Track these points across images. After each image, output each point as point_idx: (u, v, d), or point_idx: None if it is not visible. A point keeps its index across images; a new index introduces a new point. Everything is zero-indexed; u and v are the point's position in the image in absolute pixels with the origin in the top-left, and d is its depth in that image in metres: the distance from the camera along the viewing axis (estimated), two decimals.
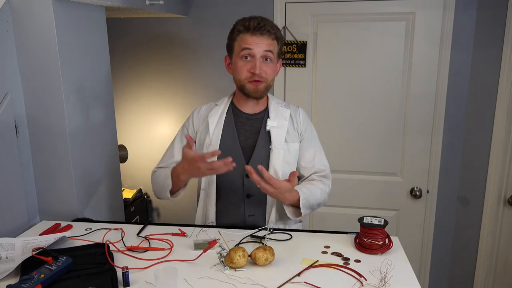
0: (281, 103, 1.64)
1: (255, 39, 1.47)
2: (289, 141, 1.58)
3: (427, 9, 2.27)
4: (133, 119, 2.77)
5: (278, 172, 1.54)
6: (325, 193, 1.60)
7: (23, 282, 1.11)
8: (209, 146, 1.57)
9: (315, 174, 1.62)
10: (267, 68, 1.50)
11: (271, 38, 1.49)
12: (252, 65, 1.48)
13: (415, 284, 1.18)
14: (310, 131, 1.65)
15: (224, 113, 1.61)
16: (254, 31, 1.47)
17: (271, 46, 1.50)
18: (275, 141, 1.55)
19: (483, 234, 2.45)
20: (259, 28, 1.47)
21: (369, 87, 2.41)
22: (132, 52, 2.66)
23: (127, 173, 2.84)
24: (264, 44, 1.48)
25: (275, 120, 1.57)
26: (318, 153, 1.64)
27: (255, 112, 1.60)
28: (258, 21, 1.49)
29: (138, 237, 1.49)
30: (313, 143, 1.64)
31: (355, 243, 1.41)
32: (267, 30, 1.48)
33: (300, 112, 1.65)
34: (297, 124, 1.62)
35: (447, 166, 2.42)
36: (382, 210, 2.53)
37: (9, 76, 1.56)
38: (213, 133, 1.57)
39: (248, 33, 1.48)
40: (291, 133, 1.59)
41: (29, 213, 1.66)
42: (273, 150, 1.54)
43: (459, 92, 2.33)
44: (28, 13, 1.54)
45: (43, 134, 1.65)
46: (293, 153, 1.59)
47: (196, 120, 1.65)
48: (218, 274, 1.23)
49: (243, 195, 1.57)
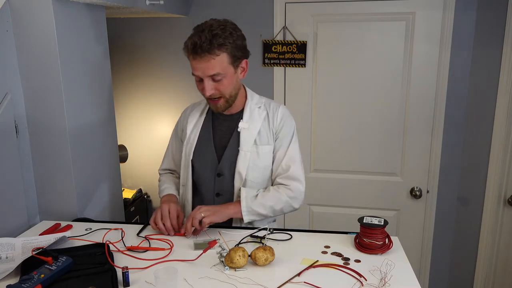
0: (260, 103, 1.60)
1: (197, 63, 1.40)
2: (259, 144, 1.55)
3: (427, 9, 2.27)
4: (133, 119, 2.77)
5: (243, 174, 1.53)
6: (284, 200, 1.54)
7: (23, 282, 1.11)
8: (186, 145, 1.62)
9: (279, 177, 1.58)
10: (219, 85, 1.44)
11: (213, 57, 1.38)
12: (203, 86, 1.44)
13: (415, 284, 1.18)
14: (286, 130, 1.58)
15: (204, 113, 1.64)
16: (193, 54, 1.39)
17: (216, 67, 1.39)
18: (243, 143, 1.54)
19: (483, 234, 2.45)
20: (196, 51, 1.38)
21: (369, 87, 2.41)
22: (132, 52, 2.66)
23: (127, 173, 2.84)
24: (206, 69, 1.40)
25: (247, 122, 1.56)
26: (289, 153, 1.57)
27: (232, 113, 1.60)
28: (195, 41, 1.37)
29: (138, 237, 1.49)
30: (285, 144, 1.58)
31: (355, 243, 1.41)
32: (206, 51, 1.37)
33: (279, 112, 1.59)
34: (273, 124, 1.57)
35: (447, 166, 2.42)
36: (382, 210, 2.53)
37: (9, 76, 1.56)
38: (191, 132, 1.62)
39: (190, 55, 1.41)
40: (263, 135, 1.56)
41: (29, 213, 1.66)
42: (240, 152, 1.54)
43: (459, 92, 2.33)
44: (28, 13, 1.54)
45: (43, 134, 1.65)
46: (263, 156, 1.56)
47: (182, 119, 1.71)
48: (218, 274, 1.23)
49: (213, 193, 1.59)
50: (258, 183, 1.57)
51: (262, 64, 2.48)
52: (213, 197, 1.59)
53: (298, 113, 2.51)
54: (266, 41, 2.43)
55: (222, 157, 1.56)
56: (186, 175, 1.62)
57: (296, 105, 2.50)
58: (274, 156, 1.59)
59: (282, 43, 2.42)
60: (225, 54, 1.40)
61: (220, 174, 1.57)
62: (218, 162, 1.57)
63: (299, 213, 2.64)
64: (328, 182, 2.57)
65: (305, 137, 2.53)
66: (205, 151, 1.58)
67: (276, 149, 1.58)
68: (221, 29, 1.39)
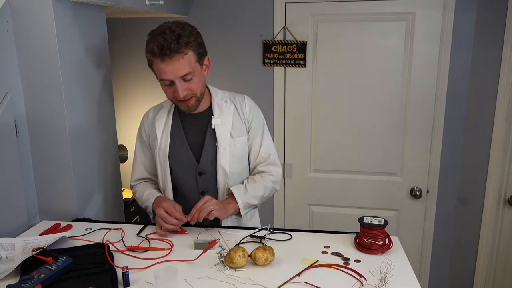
0: (225, 98, 1.62)
1: (166, 66, 1.38)
2: (235, 136, 1.58)
3: (427, 9, 2.27)
4: (133, 119, 2.77)
5: (226, 169, 1.56)
6: (270, 186, 1.62)
7: (23, 282, 1.11)
8: (160, 150, 1.60)
9: (260, 165, 1.64)
10: (191, 84, 1.45)
11: (182, 56, 1.38)
12: (174, 89, 1.44)
13: (415, 284, 1.18)
14: (257, 120, 1.64)
15: (171, 115, 1.62)
16: (161, 56, 1.37)
17: (186, 67, 1.40)
18: (220, 138, 1.56)
19: (483, 234, 2.45)
20: (165, 53, 1.36)
21: (369, 87, 2.41)
22: (132, 52, 2.66)
23: (127, 173, 2.84)
24: (177, 70, 1.39)
25: (219, 117, 1.57)
26: (264, 141, 1.64)
27: (200, 111, 1.59)
28: (161, 43, 1.35)
29: (138, 237, 1.49)
30: (259, 133, 1.64)
31: (355, 243, 1.41)
32: (174, 51, 1.36)
33: (246, 103, 1.62)
34: (243, 115, 1.61)
35: (447, 166, 2.42)
36: (382, 210, 2.53)
37: (9, 76, 1.56)
38: (161, 136, 1.59)
39: (157, 59, 1.39)
40: (237, 127, 1.59)
41: (29, 213, 1.66)
42: (219, 147, 1.55)
43: (459, 92, 2.33)
44: (28, 13, 1.54)
45: (43, 134, 1.65)
46: (240, 146, 1.60)
47: (146, 125, 1.67)
48: (218, 274, 1.23)
49: (198, 192, 1.60)
50: (239, 173, 1.62)
51: (262, 64, 2.48)
52: (198, 196, 1.59)
53: (298, 113, 2.51)
54: (266, 41, 2.43)
55: (201, 156, 1.57)
56: (164, 179, 1.61)
57: (296, 105, 2.50)
58: (250, 145, 1.63)
59: (282, 43, 2.42)
60: (191, 52, 1.41)
61: (201, 173, 1.58)
62: (198, 161, 1.57)
63: (299, 213, 2.65)
64: (328, 182, 2.57)
65: (305, 137, 2.53)
66: (180, 152, 1.58)
67: (250, 139, 1.63)
68: (180, 28, 1.39)
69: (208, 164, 1.57)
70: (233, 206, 1.53)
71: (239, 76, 2.54)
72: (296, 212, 2.65)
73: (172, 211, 1.46)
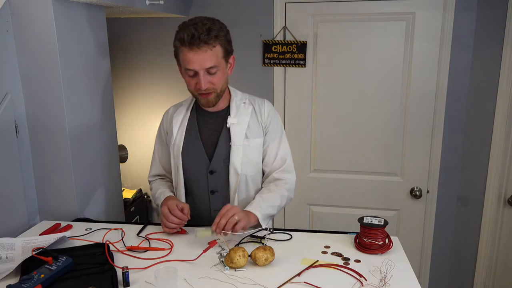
0: (244, 99, 1.63)
1: (194, 55, 1.39)
2: (250, 137, 1.57)
3: (427, 9, 2.27)
4: (133, 119, 2.77)
5: (237, 169, 1.55)
6: (286, 195, 1.59)
7: (23, 282, 1.11)
8: (174, 146, 1.60)
9: (275, 172, 1.61)
10: (214, 78, 1.46)
11: (210, 49, 1.40)
12: (197, 80, 1.45)
13: (415, 284, 1.18)
14: (275, 124, 1.62)
15: (188, 112, 1.63)
16: (190, 45, 1.39)
17: (213, 59, 1.41)
18: (235, 137, 1.55)
19: (483, 234, 2.45)
20: (194, 42, 1.38)
21: (369, 87, 2.41)
22: (132, 52, 2.66)
23: (127, 173, 2.84)
24: (204, 61, 1.40)
25: (236, 117, 1.57)
26: (281, 147, 1.62)
27: (217, 110, 1.60)
28: (192, 32, 1.38)
29: (138, 237, 1.49)
30: (276, 137, 1.62)
31: (355, 243, 1.41)
32: (204, 42, 1.38)
33: (265, 106, 1.63)
34: (261, 118, 1.60)
35: (447, 166, 2.42)
36: (382, 210, 2.53)
37: (9, 76, 1.56)
38: (177, 132, 1.61)
39: (185, 48, 1.40)
40: (253, 128, 1.58)
41: (29, 213, 1.66)
42: (232, 147, 1.55)
43: (459, 92, 2.33)
44: (28, 13, 1.54)
45: (43, 134, 1.65)
46: (255, 148, 1.58)
47: (165, 122, 1.69)
48: (218, 274, 1.23)
49: (208, 191, 1.59)
50: (252, 175, 1.59)
51: (262, 64, 2.48)
52: (207, 195, 1.59)
53: (298, 113, 2.51)
54: (266, 41, 2.43)
55: (213, 155, 1.57)
56: (176, 175, 1.62)
57: (296, 105, 2.50)
58: (265, 150, 1.62)
59: (282, 43, 2.42)
60: (219, 47, 1.43)
61: (212, 172, 1.57)
62: (210, 160, 1.57)
63: (299, 213, 2.65)
64: (328, 182, 2.57)
65: (305, 137, 2.53)
66: (193, 150, 1.58)
67: (267, 143, 1.61)
68: (212, 23, 1.42)
69: (221, 163, 1.56)
70: (254, 217, 1.48)
71: (239, 76, 2.53)
72: (296, 212, 2.65)
73: (173, 209, 1.45)
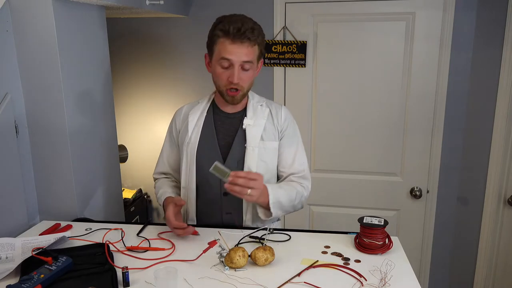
0: (261, 102, 1.63)
1: (234, 47, 1.42)
2: (266, 139, 1.56)
3: (427, 9, 2.27)
4: (133, 119, 2.77)
5: (252, 170, 1.54)
6: (302, 195, 1.58)
7: (23, 282, 1.11)
8: (188, 144, 1.59)
9: (293, 175, 1.60)
10: (245, 76, 1.47)
11: (251, 45, 1.44)
12: (230, 73, 1.45)
13: (415, 284, 1.18)
14: (291, 129, 1.62)
15: (205, 112, 1.62)
16: (234, 38, 1.41)
17: (251, 55, 1.45)
18: (250, 139, 1.54)
19: (483, 234, 2.45)
20: (239, 35, 1.41)
21: (369, 87, 2.41)
22: (132, 52, 2.66)
23: (127, 173, 2.84)
24: (243, 54, 1.43)
25: (252, 119, 1.57)
26: (299, 153, 1.62)
27: (234, 111, 1.60)
28: (239, 26, 1.41)
29: (138, 237, 1.49)
30: (293, 142, 1.61)
31: (355, 243, 1.41)
32: (247, 38, 1.42)
33: (282, 111, 1.62)
34: (277, 122, 1.60)
35: (447, 166, 2.42)
36: (382, 210, 2.53)
37: (9, 76, 1.56)
38: (192, 131, 1.59)
39: (228, 39, 1.42)
40: (269, 131, 1.58)
41: (29, 213, 1.66)
42: (247, 148, 1.54)
43: (459, 92, 2.33)
44: (28, 13, 1.54)
45: (43, 134, 1.65)
46: (270, 151, 1.57)
47: (178, 120, 1.67)
48: (218, 274, 1.23)
49: (220, 193, 1.57)
50: (266, 180, 1.56)
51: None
52: (220, 196, 1.57)
53: (298, 113, 2.51)
54: (266, 41, 2.43)
55: (228, 156, 1.56)
56: (189, 176, 1.59)
57: (296, 105, 2.50)
58: (281, 154, 1.60)
59: (282, 43, 2.42)
60: (257, 47, 1.48)
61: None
62: (224, 161, 1.56)
63: (299, 213, 2.64)
64: (328, 182, 2.57)
65: (305, 137, 2.53)
66: (208, 150, 1.57)
67: (283, 147, 1.60)
68: (254, 23, 1.47)
69: (235, 164, 1.55)
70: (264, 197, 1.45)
71: None
72: (296, 212, 2.64)
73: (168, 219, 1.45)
